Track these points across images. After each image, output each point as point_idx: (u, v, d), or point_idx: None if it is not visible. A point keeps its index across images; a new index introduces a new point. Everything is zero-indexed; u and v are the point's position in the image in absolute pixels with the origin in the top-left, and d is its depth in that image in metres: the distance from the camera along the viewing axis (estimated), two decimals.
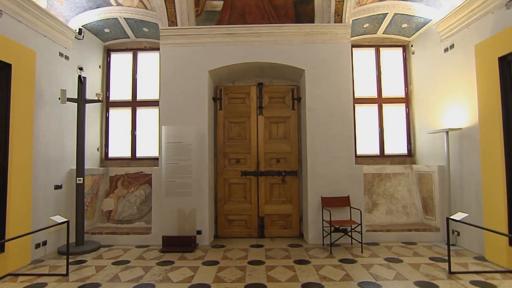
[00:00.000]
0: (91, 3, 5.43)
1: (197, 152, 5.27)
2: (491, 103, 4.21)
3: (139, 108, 6.46)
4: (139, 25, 5.96)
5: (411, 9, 5.54)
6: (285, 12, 5.52)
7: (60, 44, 5.26)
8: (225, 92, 6.03)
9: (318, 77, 5.47)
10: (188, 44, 5.55)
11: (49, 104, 4.96)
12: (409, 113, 6.36)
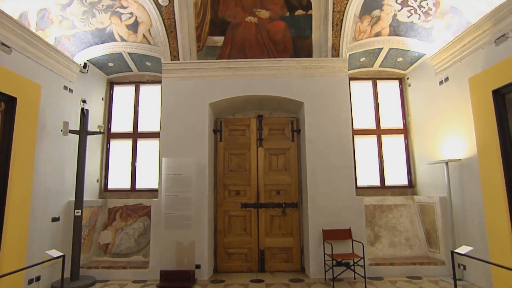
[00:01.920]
0: (96, 39, 5.63)
1: (197, 184, 5.25)
2: (488, 135, 4.26)
3: (140, 139, 6.51)
4: (142, 59, 6.15)
5: (405, 44, 5.75)
6: (284, 47, 5.72)
7: (65, 78, 5.40)
8: (225, 124, 6.11)
9: (317, 109, 5.57)
10: (190, 77, 5.70)
11: (51, 136, 5.01)
12: (408, 144, 6.41)
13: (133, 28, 5.57)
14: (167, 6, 5.17)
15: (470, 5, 4.59)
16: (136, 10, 5.29)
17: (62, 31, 5.19)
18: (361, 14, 5.37)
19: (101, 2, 5.08)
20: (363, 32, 5.63)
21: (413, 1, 5.05)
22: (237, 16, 5.40)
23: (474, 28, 4.50)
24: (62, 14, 4.98)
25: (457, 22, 4.92)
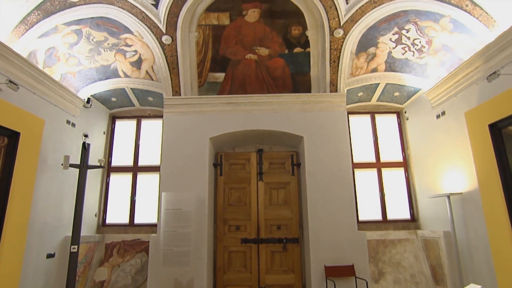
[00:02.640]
0: (101, 75, 5.80)
1: (196, 219, 5.17)
2: (488, 168, 4.27)
3: (140, 173, 6.50)
4: (145, 95, 6.29)
5: (401, 79, 5.91)
6: (283, 82, 5.87)
7: (68, 113, 5.49)
8: (225, 158, 6.13)
9: (317, 143, 5.62)
10: (191, 112, 5.80)
11: (51, 170, 5.01)
12: (408, 177, 6.39)
13: (137, 64, 5.75)
14: (170, 44, 5.37)
15: (461, 43, 4.78)
16: (140, 48, 5.49)
17: (68, 68, 5.35)
18: (357, 52, 5.57)
19: (107, 41, 5.28)
20: (360, 68, 5.80)
21: (407, 39, 5.26)
22: (238, 53, 5.60)
23: (466, 65, 4.66)
24: (69, 52, 5.16)
25: (449, 59, 5.10)
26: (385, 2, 4.78)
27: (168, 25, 5.12)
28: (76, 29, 4.91)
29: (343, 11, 4.99)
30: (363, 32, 5.28)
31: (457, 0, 4.38)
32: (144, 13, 4.90)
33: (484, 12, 4.25)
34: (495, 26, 4.24)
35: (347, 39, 5.34)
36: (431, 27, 4.91)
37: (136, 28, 5.12)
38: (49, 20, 4.55)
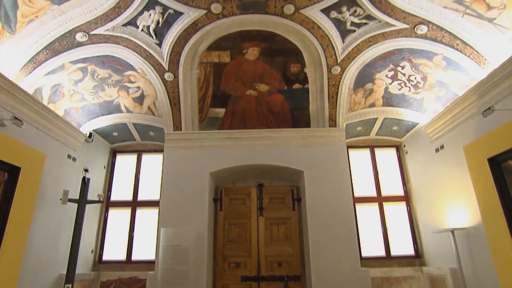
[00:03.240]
0: (103, 110, 5.91)
1: (195, 256, 5.04)
2: (490, 202, 4.23)
3: (139, 208, 6.42)
4: (146, 129, 6.38)
5: (399, 114, 6.01)
6: (283, 118, 5.98)
7: (69, 147, 5.53)
8: (225, 193, 6.09)
9: (317, 178, 5.60)
10: (191, 147, 5.85)
11: (50, 205, 4.96)
12: (410, 212, 6.31)
13: (139, 100, 5.88)
14: (172, 81, 5.53)
15: (454, 79, 4.92)
16: (143, 84, 5.64)
17: (72, 104, 5.47)
18: (355, 87, 5.72)
19: (111, 78, 5.44)
20: (358, 103, 5.93)
21: (402, 75, 5.42)
22: (238, 89, 5.76)
23: (461, 101, 4.77)
24: (74, 88, 5.30)
25: (445, 94, 5.22)
26: (379, 41, 4.97)
27: (170, 63, 5.30)
28: (81, 67, 5.08)
29: (339, 49, 5.18)
30: (360, 69, 5.46)
31: (448, 40, 4.56)
32: (148, 51, 5.09)
33: (474, 51, 4.42)
34: (486, 63, 4.39)
35: (345, 75, 5.50)
36: (425, 64, 5.08)
37: (140, 65, 5.29)
38: (56, 58, 4.72)
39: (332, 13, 4.69)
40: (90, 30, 4.60)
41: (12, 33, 4.06)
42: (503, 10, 3.87)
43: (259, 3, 4.60)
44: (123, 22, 4.66)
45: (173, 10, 4.60)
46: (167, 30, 4.89)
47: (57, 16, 4.28)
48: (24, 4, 3.94)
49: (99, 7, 4.34)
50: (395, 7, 4.42)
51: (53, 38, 4.47)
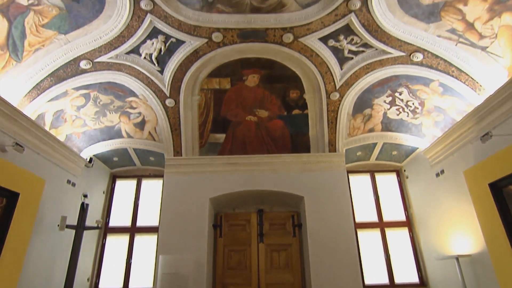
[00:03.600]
0: (104, 135, 5.94)
1: (194, 284, 4.91)
2: (494, 228, 4.18)
3: (138, 234, 6.32)
4: (146, 154, 6.39)
5: (398, 139, 6.05)
6: (283, 143, 6.01)
7: (69, 172, 5.52)
8: (225, 219, 6.02)
9: (318, 204, 5.56)
10: (191, 172, 5.84)
11: (47, 231, 4.88)
12: (413, 238, 6.20)
13: (140, 126, 5.93)
14: (173, 107, 5.61)
15: (452, 105, 4.99)
16: (144, 110, 5.71)
17: (74, 129, 5.52)
18: (354, 113, 5.79)
19: (113, 104, 5.52)
20: (357, 128, 5.98)
21: (400, 101, 5.50)
22: (238, 115, 5.83)
23: (459, 126, 4.81)
24: (76, 114, 5.36)
25: (443, 120, 5.28)
26: (377, 68, 5.09)
27: (172, 89, 5.40)
28: (84, 93, 5.16)
29: (338, 76, 5.29)
30: (358, 94, 5.55)
31: (444, 67, 4.67)
32: (150, 78, 5.20)
33: (469, 77, 4.51)
34: (482, 90, 4.47)
35: (343, 101, 5.59)
36: (422, 90, 5.17)
37: (142, 91, 5.39)
38: (60, 85, 4.81)
39: (330, 42, 4.84)
40: (94, 58, 4.72)
41: (19, 61, 4.17)
42: (495, 39, 4.00)
43: (259, 32, 4.75)
44: (126, 50, 4.79)
45: (175, 39, 4.74)
46: (169, 57, 5.02)
47: (63, 45, 4.41)
48: (32, 34, 4.07)
49: (103, 36, 4.48)
50: (390, 36, 4.55)
51: (58, 66, 4.58)
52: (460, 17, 4.04)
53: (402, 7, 4.18)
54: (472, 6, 3.89)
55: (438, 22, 4.23)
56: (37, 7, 3.89)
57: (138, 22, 4.40)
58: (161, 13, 4.32)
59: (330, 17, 4.44)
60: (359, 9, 4.27)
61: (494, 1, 3.75)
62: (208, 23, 4.54)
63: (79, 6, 4.06)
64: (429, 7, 4.10)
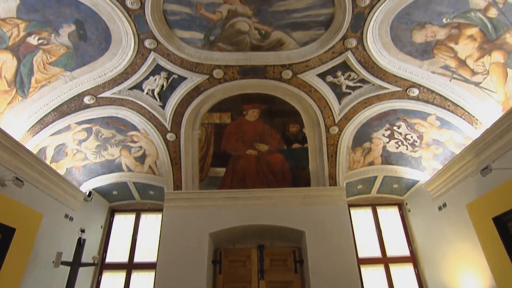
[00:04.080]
0: (104, 169, 5.95)
1: None
2: (501, 264, 4.06)
3: (135, 271, 6.13)
4: (146, 188, 6.36)
5: (398, 171, 6.04)
6: (283, 177, 6.00)
7: (67, 206, 5.46)
8: (225, 255, 5.88)
9: (319, 238, 5.45)
10: (191, 207, 5.78)
11: (41, 267, 4.74)
12: (419, 274, 6.01)
13: (141, 159, 5.96)
14: (174, 141, 5.66)
15: (450, 138, 5.05)
16: (145, 144, 5.77)
17: (74, 163, 5.53)
18: (353, 146, 5.84)
19: (115, 137, 5.58)
20: (357, 162, 6.00)
21: (399, 134, 5.56)
22: (238, 149, 5.88)
23: (459, 159, 4.83)
24: (77, 148, 5.40)
25: (442, 153, 5.31)
26: (374, 102, 5.20)
27: (173, 124, 5.48)
28: (86, 127, 5.24)
29: (336, 110, 5.39)
30: (357, 128, 5.62)
31: (440, 101, 4.77)
32: (151, 113, 5.30)
33: (465, 111, 4.60)
34: (479, 123, 4.53)
35: (343, 135, 5.65)
36: (420, 124, 5.25)
37: (143, 126, 5.47)
38: (63, 120, 4.88)
39: (328, 77, 4.98)
40: (97, 93, 4.84)
41: (24, 97, 4.27)
42: (487, 76, 4.12)
43: (259, 69, 4.91)
44: (129, 86, 4.92)
45: (177, 75, 4.89)
46: (170, 93, 5.15)
47: (68, 81, 4.54)
48: (39, 71, 4.21)
49: (108, 73, 4.62)
50: (386, 72, 4.70)
51: (62, 101, 4.68)
52: (452, 54, 4.20)
53: (396, 45, 4.35)
54: (462, 45, 4.06)
55: (431, 59, 4.39)
56: (46, 46, 4.05)
57: (142, 59, 4.56)
58: (164, 51, 4.49)
59: (328, 55, 4.60)
60: (355, 47, 4.44)
61: (483, 40, 3.91)
62: (209, 61, 4.71)
63: (86, 45, 4.23)
64: (422, 45, 4.27)
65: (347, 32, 4.22)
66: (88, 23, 3.99)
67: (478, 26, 3.83)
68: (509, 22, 3.64)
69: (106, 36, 4.19)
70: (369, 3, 3.81)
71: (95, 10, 3.85)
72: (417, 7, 3.85)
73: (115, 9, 3.81)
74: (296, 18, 4.14)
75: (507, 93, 4.03)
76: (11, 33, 3.75)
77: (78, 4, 3.76)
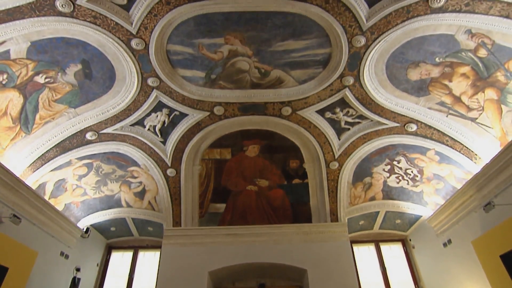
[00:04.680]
0: (103, 205, 5.89)
1: None
2: None
3: None
4: (144, 224, 6.26)
5: (400, 207, 5.97)
6: (284, 213, 5.93)
7: (64, 243, 5.34)
8: None
9: (322, 277, 5.29)
10: (190, 244, 5.66)
11: None
12: None
13: (140, 195, 5.92)
14: (174, 176, 5.66)
15: (450, 173, 5.05)
16: (145, 179, 5.76)
17: (73, 198, 5.49)
18: (354, 181, 5.82)
19: (115, 173, 5.58)
20: (358, 197, 5.95)
21: (399, 169, 5.56)
22: (239, 185, 5.86)
23: (460, 194, 4.80)
24: (77, 183, 5.39)
25: (443, 187, 5.28)
26: (373, 138, 5.25)
27: (173, 159, 5.51)
28: (87, 163, 5.26)
29: (336, 146, 5.44)
30: (357, 163, 5.64)
31: (438, 136, 4.83)
32: (152, 148, 5.34)
33: (464, 146, 4.64)
34: (478, 158, 4.56)
35: (343, 170, 5.65)
36: (420, 159, 5.27)
37: (144, 161, 5.49)
38: (64, 155, 4.92)
39: (326, 114, 5.08)
40: (100, 129, 4.91)
41: (28, 133, 4.33)
42: (482, 111, 4.20)
43: (259, 106, 5.02)
44: (131, 122, 5.01)
45: (178, 112, 4.99)
46: (172, 129, 5.22)
47: (71, 118, 4.63)
48: (44, 108, 4.31)
49: (111, 110, 4.72)
50: (384, 108, 4.80)
51: (65, 137, 4.75)
52: (447, 91, 4.31)
53: (392, 82, 4.48)
54: (456, 82, 4.18)
55: (427, 96, 4.51)
56: (52, 84, 4.18)
57: (145, 97, 4.68)
58: (167, 89, 4.61)
59: (326, 92, 4.73)
60: (353, 84, 4.57)
61: (476, 78, 4.03)
62: (210, 98, 4.83)
63: (91, 83, 4.36)
64: (417, 83, 4.40)
65: (344, 70, 4.37)
66: (94, 62, 4.14)
67: (469, 65, 3.97)
68: (499, 61, 3.78)
69: (111, 75, 4.34)
70: (364, 43, 3.98)
71: (101, 50, 4.02)
72: (411, 47, 4.02)
73: (121, 49, 3.98)
74: (294, 58, 4.31)
75: (503, 128, 4.09)
76: (20, 72, 3.88)
77: (85, 45, 3.93)
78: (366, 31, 3.83)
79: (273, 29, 3.93)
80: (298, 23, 3.87)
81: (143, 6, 3.56)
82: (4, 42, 3.59)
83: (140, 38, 3.87)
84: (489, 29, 3.57)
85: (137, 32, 3.80)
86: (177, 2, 3.56)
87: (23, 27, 3.51)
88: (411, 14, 3.59)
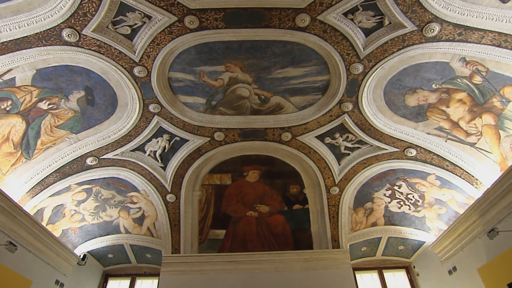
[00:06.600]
0: (102, 231, 5.80)
1: None
2: None
3: None
4: (143, 251, 6.14)
5: (403, 232, 5.88)
6: (284, 239, 5.83)
7: (59, 271, 5.21)
8: None
9: None
10: (189, 271, 5.53)
11: None
12: None
13: (139, 221, 5.84)
14: (173, 202, 5.62)
15: (452, 198, 5.02)
16: (145, 205, 5.71)
17: (71, 224, 5.42)
18: (355, 207, 5.77)
19: (114, 198, 5.55)
20: (359, 222, 5.87)
21: (400, 194, 5.53)
22: (239, 211, 5.81)
23: (463, 219, 4.74)
24: (75, 209, 5.34)
25: (445, 212, 5.23)
26: (373, 163, 5.26)
27: (173, 185, 5.49)
28: (86, 188, 5.24)
29: (336, 171, 5.43)
30: (358, 188, 5.62)
31: (438, 161, 4.83)
32: (152, 174, 5.33)
33: (464, 171, 4.63)
34: (479, 183, 4.54)
35: (344, 195, 5.62)
36: (421, 184, 5.25)
37: (143, 187, 5.47)
38: (64, 181, 4.91)
39: (326, 139, 5.12)
40: (100, 155, 4.93)
41: (28, 158, 4.35)
42: (481, 136, 4.23)
43: (259, 132, 5.06)
44: (132, 148, 5.03)
45: (179, 137, 5.03)
46: (172, 154, 5.24)
47: (73, 143, 4.66)
48: (46, 134, 4.34)
49: (112, 135, 4.75)
50: (383, 134, 4.83)
51: (65, 163, 4.75)
52: (445, 117, 4.36)
53: (390, 108, 4.55)
54: (453, 108, 4.24)
55: (425, 121, 4.56)
56: (55, 110, 4.24)
57: (146, 122, 4.73)
58: (167, 115, 4.67)
59: (325, 118, 4.78)
60: (352, 110, 4.63)
61: (472, 104, 4.09)
62: (211, 124, 4.88)
63: (93, 109, 4.43)
64: (415, 108, 4.46)
65: (343, 96, 4.44)
66: (97, 89, 4.23)
67: (466, 91, 4.04)
68: (494, 88, 3.85)
69: (113, 101, 4.41)
70: (362, 70, 4.07)
71: (104, 77, 4.12)
72: (407, 74, 4.11)
73: (123, 76, 4.07)
74: (294, 84, 4.40)
75: (503, 153, 4.10)
76: (24, 99, 3.95)
77: (89, 73, 4.03)
78: (364, 59, 3.93)
79: (273, 57, 4.04)
80: (297, 52, 3.98)
81: (146, 36, 3.68)
82: (10, 70, 3.68)
83: (143, 66, 3.97)
84: (483, 57, 3.66)
85: (140, 60, 3.90)
86: (179, 32, 3.67)
87: (30, 55, 3.61)
88: (406, 43, 3.70)
